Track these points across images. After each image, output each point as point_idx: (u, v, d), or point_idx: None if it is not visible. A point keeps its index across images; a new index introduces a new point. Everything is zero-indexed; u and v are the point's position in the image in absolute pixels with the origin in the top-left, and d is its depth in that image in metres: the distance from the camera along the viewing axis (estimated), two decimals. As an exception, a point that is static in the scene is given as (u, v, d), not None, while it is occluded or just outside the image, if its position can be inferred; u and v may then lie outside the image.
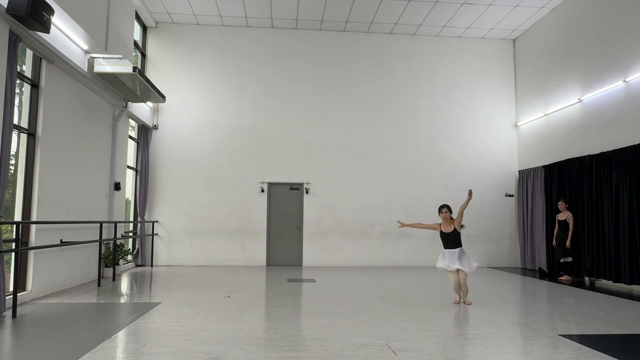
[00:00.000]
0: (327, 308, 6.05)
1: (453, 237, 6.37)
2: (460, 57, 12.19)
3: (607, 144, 8.75)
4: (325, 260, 11.40)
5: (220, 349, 4.11)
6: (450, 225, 6.40)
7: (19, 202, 6.43)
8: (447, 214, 6.41)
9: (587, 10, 9.55)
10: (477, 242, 11.79)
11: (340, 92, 11.84)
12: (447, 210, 6.44)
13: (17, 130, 6.34)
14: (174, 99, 11.32)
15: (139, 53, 11.21)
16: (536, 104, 11.26)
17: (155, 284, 8.19)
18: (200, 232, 11.18)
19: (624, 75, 8.44)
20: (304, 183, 11.53)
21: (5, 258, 5.62)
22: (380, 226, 11.61)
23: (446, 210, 6.43)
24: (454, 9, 10.63)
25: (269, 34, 11.80)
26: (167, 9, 10.84)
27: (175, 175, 11.25)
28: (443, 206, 6.49)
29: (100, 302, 6.39)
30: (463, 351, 4.13)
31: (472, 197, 6.40)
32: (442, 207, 6.48)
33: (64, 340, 4.38)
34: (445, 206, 6.50)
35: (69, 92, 7.46)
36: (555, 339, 4.59)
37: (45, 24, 5.74)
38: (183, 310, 5.76)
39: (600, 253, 8.81)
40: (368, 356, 3.94)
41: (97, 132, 8.56)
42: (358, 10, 10.78)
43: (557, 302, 6.72)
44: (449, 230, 6.39)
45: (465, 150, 11.99)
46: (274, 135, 11.56)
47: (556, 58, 10.51)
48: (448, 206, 6.49)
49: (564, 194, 10.00)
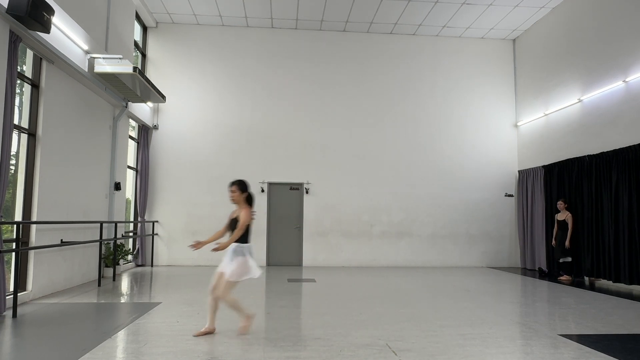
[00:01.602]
0: (327, 308, 6.05)
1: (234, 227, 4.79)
2: (460, 57, 12.19)
3: (606, 144, 8.75)
4: (325, 260, 11.41)
5: (220, 349, 4.11)
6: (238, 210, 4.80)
7: (19, 202, 6.43)
8: (235, 194, 4.78)
9: (587, 10, 9.55)
10: (477, 242, 11.80)
11: (340, 92, 11.84)
12: (237, 189, 4.79)
13: (18, 130, 6.34)
14: (174, 99, 11.32)
15: (139, 53, 11.21)
16: (536, 104, 11.26)
17: (155, 284, 8.19)
18: (201, 232, 11.15)
19: (623, 75, 8.44)
20: (304, 183, 11.53)
21: (6, 258, 5.62)
22: (380, 226, 11.61)
23: (235, 189, 4.78)
24: (454, 9, 10.63)
25: (269, 34, 11.79)
26: (167, 9, 10.84)
27: (175, 175, 11.25)
28: (232, 183, 4.84)
29: (101, 302, 6.39)
30: (463, 351, 4.13)
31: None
32: (230, 184, 4.85)
33: (64, 340, 4.39)
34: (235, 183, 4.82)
35: (69, 92, 7.46)
36: (555, 339, 4.59)
37: (46, 24, 5.74)
38: (183, 310, 5.76)
39: (599, 253, 8.81)
40: (368, 356, 3.94)
41: (97, 132, 8.56)
42: (358, 10, 10.78)
43: (557, 302, 6.72)
44: (233, 216, 4.87)
45: (465, 150, 11.99)
46: (274, 135, 11.56)
47: (556, 58, 10.51)
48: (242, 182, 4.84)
49: (564, 194, 10.00)
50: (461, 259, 11.72)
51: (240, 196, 4.78)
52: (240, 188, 4.80)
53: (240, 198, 4.78)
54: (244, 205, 4.78)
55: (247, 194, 4.84)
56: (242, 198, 4.79)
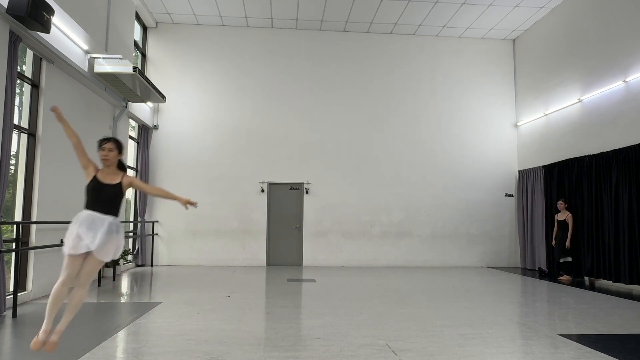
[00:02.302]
0: (327, 308, 6.05)
1: (111, 195, 3.70)
2: (460, 57, 12.19)
3: (606, 144, 8.75)
4: (325, 260, 11.40)
5: (221, 349, 4.11)
6: (116, 175, 3.78)
7: (19, 202, 6.43)
8: (112, 153, 3.76)
9: (587, 10, 9.55)
10: (477, 242, 11.80)
11: (340, 92, 11.84)
12: (114, 146, 3.78)
13: (17, 130, 6.34)
14: (174, 99, 11.32)
15: (139, 53, 11.21)
16: (536, 104, 11.26)
17: (155, 284, 8.19)
18: (201, 232, 11.18)
19: (623, 75, 8.44)
20: (304, 183, 11.53)
21: (6, 258, 5.62)
22: (380, 226, 11.62)
23: (111, 147, 3.76)
24: (454, 9, 10.63)
25: (269, 34, 11.79)
26: (167, 9, 10.84)
27: (175, 175, 11.24)
28: (107, 140, 3.81)
29: (101, 302, 6.39)
30: (463, 351, 4.13)
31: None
32: (105, 140, 3.81)
33: (64, 340, 4.37)
34: (111, 140, 3.81)
35: (69, 92, 7.46)
36: (555, 339, 4.59)
37: (46, 24, 5.74)
38: (183, 310, 5.76)
39: (599, 253, 8.81)
40: (368, 356, 3.94)
41: (97, 132, 8.54)
42: (358, 10, 10.78)
43: (557, 302, 6.72)
44: (110, 181, 3.73)
45: (465, 150, 11.99)
46: (274, 135, 11.56)
47: (556, 58, 10.51)
48: (117, 142, 3.83)
49: (564, 194, 10.00)
50: (461, 259, 11.72)
51: (117, 157, 3.80)
52: (118, 146, 3.80)
53: (115, 159, 3.79)
54: (118, 171, 3.82)
55: (121, 156, 3.87)
56: (116, 160, 3.81)
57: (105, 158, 3.74)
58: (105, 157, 3.73)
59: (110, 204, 3.67)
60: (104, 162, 3.75)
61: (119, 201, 3.74)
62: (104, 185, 3.68)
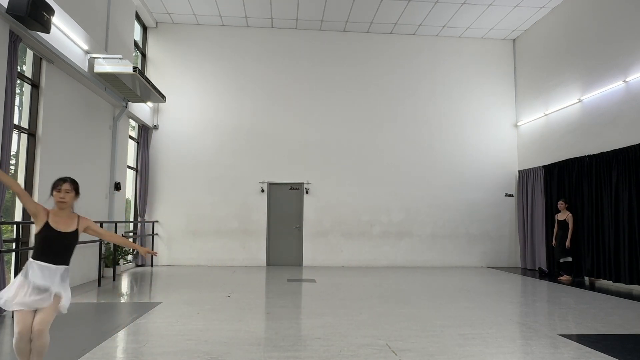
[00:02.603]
0: (327, 308, 6.05)
1: (66, 245, 3.35)
2: (460, 57, 12.19)
3: (607, 144, 8.75)
4: (325, 260, 11.40)
5: (221, 349, 4.11)
6: (71, 220, 3.42)
7: (19, 202, 6.42)
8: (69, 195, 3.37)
9: (587, 10, 9.55)
10: (477, 242, 11.80)
11: (340, 92, 11.84)
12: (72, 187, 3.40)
13: (17, 130, 6.34)
14: (174, 99, 11.32)
15: (139, 53, 11.21)
16: (536, 104, 11.26)
17: (155, 284, 8.19)
18: (201, 232, 11.18)
19: (623, 75, 8.44)
20: (304, 183, 11.53)
21: (6, 258, 5.62)
22: (380, 226, 11.62)
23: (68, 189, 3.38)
24: (454, 9, 10.63)
25: (269, 34, 11.79)
26: (167, 9, 10.84)
27: (175, 175, 11.24)
28: (64, 180, 3.40)
29: (101, 302, 6.39)
30: (463, 351, 4.13)
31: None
32: (62, 180, 3.40)
33: (64, 340, 4.38)
34: (67, 180, 3.40)
35: (69, 92, 7.46)
36: (555, 339, 4.59)
37: (45, 24, 5.74)
38: (183, 310, 5.76)
39: (600, 253, 8.81)
40: (368, 356, 3.94)
41: (97, 132, 8.56)
42: (358, 10, 10.78)
43: (557, 302, 6.72)
44: (65, 228, 3.33)
45: (465, 150, 11.99)
46: (274, 135, 11.56)
47: (556, 58, 10.51)
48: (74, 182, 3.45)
49: (564, 194, 10.00)
50: (461, 259, 11.72)
51: (74, 199, 3.46)
52: (75, 188, 3.46)
53: (72, 202, 3.45)
54: (72, 214, 3.45)
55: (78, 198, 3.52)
56: (73, 203, 3.47)
57: (62, 201, 3.31)
58: (62, 199, 3.31)
59: (64, 254, 3.31)
60: (59, 206, 3.33)
61: (73, 249, 3.40)
62: (57, 233, 3.27)
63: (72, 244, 3.37)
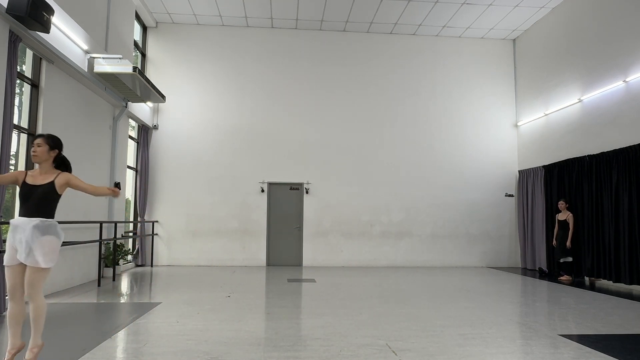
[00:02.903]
0: (327, 308, 6.05)
1: (40, 196, 3.42)
2: (460, 57, 12.19)
3: (607, 144, 8.75)
4: (325, 260, 11.40)
5: (221, 349, 4.11)
6: (49, 175, 3.52)
7: (17, 201, 6.42)
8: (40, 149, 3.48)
9: (587, 10, 9.55)
10: (477, 242, 11.80)
11: (340, 92, 11.84)
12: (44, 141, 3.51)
13: (17, 130, 6.34)
14: (174, 99, 11.32)
15: (139, 53, 11.21)
16: (536, 104, 11.26)
17: (155, 284, 8.19)
18: (200, 232, 11.18)
19: (624, 75, 8.44)
20: (304, 183, 11.53)
21: (5, 258, 5.62)
22: (380, 226, 11.61)
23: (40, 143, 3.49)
24: (454, 9, 10.63)
25: (269, 34, 11.79)
26: (167, 9, 10.84)
27: (175, 175, 11.25)
28: (39, 136, 3.56)
29: (100, 302, 6.39)
30: (463, 351, 4.13)
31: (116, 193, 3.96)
32: (37, 136, 3.55)
33: (64, 340, 4.38)
34: (42, 136, 3.56)
35: (69, 92, 7.46)
36: (555, 339, 4.59)
37: (45, 24, 5.74)
38: (183, 310, 5.76)
39: (600, 253, 8.81)
40: (368, 356, 3.94)
41: (97, 132, 8.56)
42: (358, 10, 10.78)
43: (557, 302, 6.72)
44: (41, 181, 3.47)
45: (465, 150, 11.99)
46: (274, 135, 11.56)
47: (556, 58, 10.51)
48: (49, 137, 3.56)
49: (564, 194, 10.00)
50: (461, 259, 11.72)
51: (47, 153, 3.50)
52: (49, 142, 3.51)
53: (46, 156, 3.50)
54: (52, 170, 3.53)
55: (58, 152, 3.58)
56: (50, 157, 3.52)
57: (34, 154, 3.45)
58: (34, 153, 3.45)
59: (38, 206, 3.37)
60: (33, 159, 3.49)
61: (50, 201, 3.44)
62: (31, 187, 3.40)
63: (47, 195, 3.43)
